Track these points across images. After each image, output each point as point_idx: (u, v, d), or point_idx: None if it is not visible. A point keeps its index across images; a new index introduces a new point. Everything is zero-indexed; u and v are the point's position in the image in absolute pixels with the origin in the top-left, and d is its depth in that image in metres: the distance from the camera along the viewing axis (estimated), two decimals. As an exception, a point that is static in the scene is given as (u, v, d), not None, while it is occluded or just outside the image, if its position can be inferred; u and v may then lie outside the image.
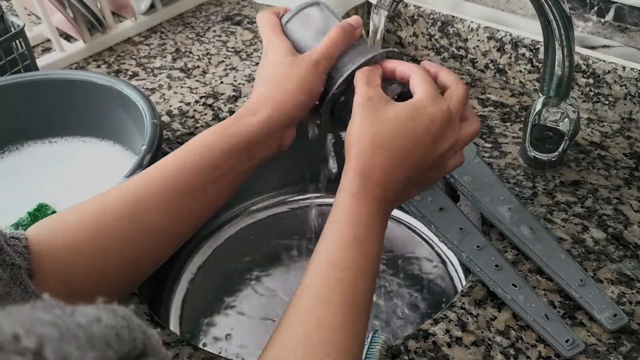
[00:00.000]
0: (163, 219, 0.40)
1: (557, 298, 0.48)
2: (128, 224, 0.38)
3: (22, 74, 0.63)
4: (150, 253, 0.41)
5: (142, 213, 0.39)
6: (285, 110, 0.43)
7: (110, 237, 0.38)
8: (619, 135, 0.64)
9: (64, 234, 0.37)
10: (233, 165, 0.42)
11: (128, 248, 0.39)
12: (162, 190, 0.40)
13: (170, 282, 0.73)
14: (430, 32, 0.78)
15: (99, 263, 0.38)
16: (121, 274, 0.39)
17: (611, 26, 0.65)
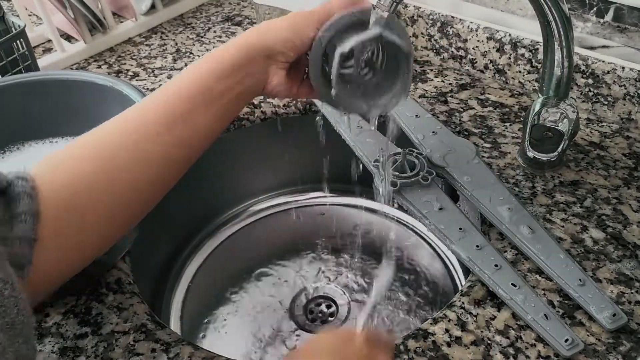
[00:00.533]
0: (158, 147, 0.41)
1: (557, 298, 0.48)
2: (127, 154, 0.40)
3: (23, 74, 0.63)
4: (152, 181, 0.42)
5: (140, 143, 0.40)
6: (267, 39, 0.45)
7: (112, 170, 0.39)
8: (618, 135, 0.64)
9: (68, 171, 0.38)
10: (222, 89, 0.44)
11: (130, 178, 0.40)
12: (159, 118, 0.41)
13: (170, 282, 0.73)
14: (430, 33, 0.78)
15: (105, 198, 0.39)
16: (126, 206, 0.41)
17: (610, 26, 0.66)
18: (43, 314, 0.50)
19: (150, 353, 0.47)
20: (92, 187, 0.38)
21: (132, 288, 0.53)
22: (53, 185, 0.37)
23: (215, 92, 0.43)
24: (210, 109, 0.43)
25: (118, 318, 0.50)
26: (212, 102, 0.43)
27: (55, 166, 0.38)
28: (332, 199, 0.82)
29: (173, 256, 0.75)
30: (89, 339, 0.48)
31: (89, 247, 0.39)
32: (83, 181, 0.38)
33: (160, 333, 0.48)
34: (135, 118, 0.41)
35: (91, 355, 0.47)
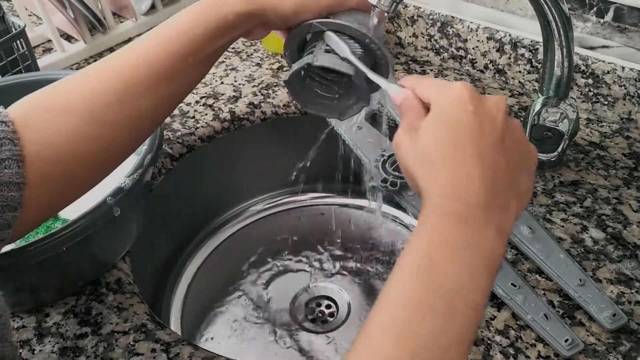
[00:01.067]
0: (149, 103, 0.41)
1: (557, 298, 0.48)
2: (118, 111, 0.40)
3: (23, 74, 0.63)
4: (136, 136, 0.43)
5: (131, 100, 0.40)
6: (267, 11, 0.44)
7: (102, 125, 0.39)
8: (618, 135, 0.64)
9: (56, 121, 0.38)
10: (213, 50, 0.43)
11: (119, 132, 0.40)
12: (147, 77, 0.41)
13: (170, 282, 0.73)
14: (430, 33, 0.78)
15: (94, 149, 0.39)
16: (113, 155, 0.41)
17: (610, 27, 0.66)
18: (43, 314, 0.50)
19: (150, 353, 0.47)
20: (78, 141, 0.38)
21: (132, 288, 0.53)
22: (38, 135, 0.37)
23: (206, 52, 0.43)
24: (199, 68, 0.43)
25: (118, 318, 0.50)
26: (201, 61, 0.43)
27: (39, 114, 0.38)
28: (332, 198, 0.82)
29: (173, 256, 0.75)
30: (89, 339, 0.48)
31: (74, 190, 0.40)
32: (69, 134, 0.38)
33: (160, 333, 0.48)
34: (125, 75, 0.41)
35: (91, 355, 0.47)
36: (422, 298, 0.31)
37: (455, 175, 0.33)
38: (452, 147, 0.34)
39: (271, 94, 0.75)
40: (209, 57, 0.43)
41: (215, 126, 0.71)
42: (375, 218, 0.79)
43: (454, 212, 0.33)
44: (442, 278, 0.31)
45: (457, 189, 0.33)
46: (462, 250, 0.32)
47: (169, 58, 0.41)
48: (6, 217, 0.34)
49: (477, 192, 0.33)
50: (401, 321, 0.31)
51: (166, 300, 0.70)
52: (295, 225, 0.81)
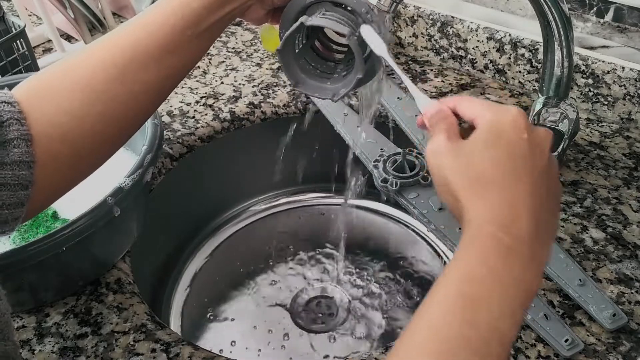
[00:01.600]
0: (153, 77, 0.41)
1: (557, 298, 0.48)
2: (121, 86, 0.40)
3: (23, 74, 0.63)
4: (144, 109, 0.43)
5: (134, 74, 0.40)
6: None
7: (107, 101, 0.39)
8: (618, 135, 0.64)
9: (61, 100, 0.38)
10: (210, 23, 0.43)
11: (124, 108, 0.40)
12: (150, 50, 0.41)
13: (171, 282, 0.73)
14: (430, 33, 0.78)
15: (100, 126, 0.39)
16: (120, 132, 0.41)
17: (610, 27, 0.66)
18: (43, 313, 0.50)
19: (150, 353, 0.47)
20: (83, 119, 0.38)
21: (132, 288, 0.53)
22: (43, 113, 0.37)
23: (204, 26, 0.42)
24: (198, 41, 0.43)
25: (118, 318, 0.50)
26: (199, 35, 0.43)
27: (44, 94, 0.38)
28: (332, 199, 0.82)
29: (173, 256, 0.75)
30: (89, 339, 0.48)
31: (84, 167, 0.40)
32: (74, 112, 0.38)
33: (160, 333, 0.48)
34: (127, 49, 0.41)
35: (91, 355, 0.47)
36: (460, 331, 0.30)
37: (507, 203, 0.32)
38: (509, 171, 0.33)
39: (271, 94, 0.75)
40: (207, 30, 0.43)
41: (215, 126, 0.71)
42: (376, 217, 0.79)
43: (502, 242, 0.32)
44: (483, 312, 0.30)
45: (507, 218, 0.32)
46: (506, 285, 0.31)
47: (169, 31, 0.41)
48: (19, 195, 0.35)
49: (527, 225, 0.32)
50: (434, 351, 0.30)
51: (166, 300, 0.70)
52: (295, 225, 0.81)
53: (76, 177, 0.41)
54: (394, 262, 0.74)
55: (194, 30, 0.42)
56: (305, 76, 0.46)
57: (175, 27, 0.42)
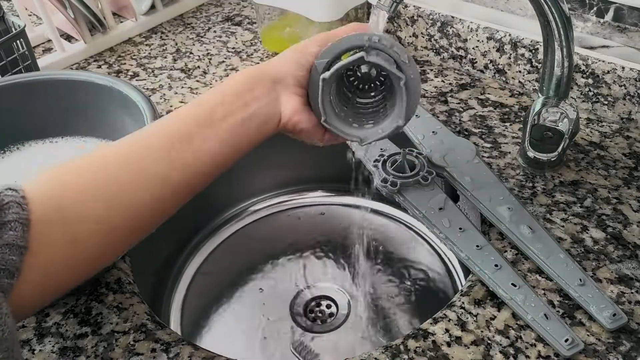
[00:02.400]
0: (163, 168, 0.41)
1: (557, 297, 0.48)
2: (132, 173, 0.39)
3: (23, 74, 0.63)
4: (155, 203, 0.41)
5: (145, 162, 0.40)
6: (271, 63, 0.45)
7: (115, 186, 0.39)
8: (618, 135, 0.64)
9: (67, 182, 0.38)
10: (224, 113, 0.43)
11: (133, 197, 0.39)
12: (162, 141, 0.41)
13: (170, 282, 0.73)
14: (430, 33, 0.78)
15: (103, 212, 0.38)
16: (124, 225, 0.40)
17: (610, 26, 0.66)
18: (43, 313, 0.50)
19: (150, 353, 0.47)
20: (86, 201, 0.37)
21: (132, 288, 0.53)
22: (45, 196, 0.36)
23: (217, 115, 0.42)
24: (212, 133, 0.42)
25: (118, 318, 0.50)
26: (213, 125, 0.42)
27: (53, 177, 0.38)
28: (332, 198, 0.82)
29: (173, 256, 0.75)
30: (89, 338, 0.48)
31: (79, 263, 0.38)
32: (78, 194, 0.37)
33: (160, 333, 0.48)
34: (141, 140, 0.41)
35: (91, 355, 0.47)
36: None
37: None
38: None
39: (271, 93, 0.75)
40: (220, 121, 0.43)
41: (215, 126, 0.71)
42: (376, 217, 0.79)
43: None
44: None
45: None
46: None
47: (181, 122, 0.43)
48: (1, 282, 0.33)
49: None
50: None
51: (166, 300, 0.70)
52: (295, 225, 0.81)
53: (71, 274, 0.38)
54: (394, 262, 0.74)
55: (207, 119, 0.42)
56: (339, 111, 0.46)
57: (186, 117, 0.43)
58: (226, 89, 0.44)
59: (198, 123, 0.42)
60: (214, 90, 0.44)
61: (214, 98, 0.44)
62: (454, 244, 0.52)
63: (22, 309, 0.35)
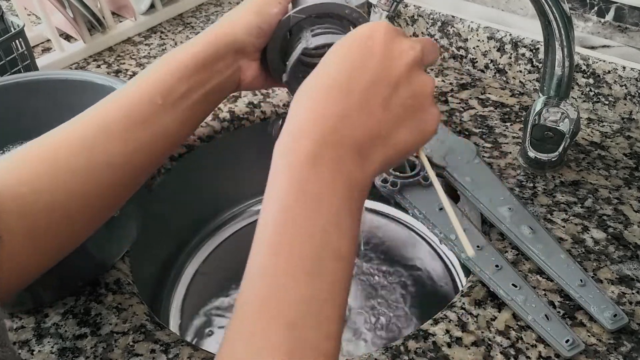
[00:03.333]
0: (119, 149, 0.39)
1: (557, 298, 0.48)
2: (86, 157, 0.38)
3: (22, 74, 0.63)
4: (112, 186, 0.40)
5: (99, 145, 0.38)
6: (232, 30, 0.42)
7: (69, 173, 0.37)
8: (619, 135, 0.64)
9: (24, 172, 0.37)
10: (184, 91, 0.41)
11: (89, 182, 0.38)
12: (117, 121, 0.39)
13: (170, 282, 0.73)
14: (430, 32, 0.78)
15: (61, 199, 0.37)
16: (85, 210, 0.39)
17: (611, 26, 0.65)
18: (42, 314, 0.50)
19: (150, 354, 0.47)
20: (43, 191, 0.37)
21: (132, 288, 0.53)
22: (4, 185, 0.36)
23: (177, 93, 0.41)
24: (173, 113, 0.41)
25: (117, 319, 0.49)
26: (174, 104, 0.41)
27: (9, 165, 0.37)
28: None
29: (173, 256, 0.75)
30: (88, 339, 0.48)
31: (45, 248, 0.38)
32: (34, 184, 0.36)
33: (159, 334, 0.48)
34: (95, 121, 0.39)
35: (90, 356, 0.46)
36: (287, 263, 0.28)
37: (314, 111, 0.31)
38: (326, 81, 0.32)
39: (271, 93, 0.75)
40: (180, 100, 0.41)
41: (214, 126, 0.71)
42: (376, 217, 0.79)
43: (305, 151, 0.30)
44: (305, 235, 0.28)
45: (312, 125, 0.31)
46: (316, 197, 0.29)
47: (136, 100, 0.40)
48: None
49: (338, 131, 0.30)
50: (268, 296, 0.27)
51: (165, 301, 0.70)
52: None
53: (39, 260, 0.38)
54: (394, 262, 0.74)
55: (164, 98, 0.40)
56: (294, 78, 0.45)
57: (143, 96, 0.40)
58: (185, 63, 0.41)
59: (156, 103, 0.40)
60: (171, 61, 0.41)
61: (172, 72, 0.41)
62: (455, 245, 0.52)
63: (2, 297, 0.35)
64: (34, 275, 0.38)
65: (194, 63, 0.42)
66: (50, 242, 0.38)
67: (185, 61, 0.42)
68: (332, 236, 0.28)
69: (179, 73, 0.41)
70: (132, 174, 0.41)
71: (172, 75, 0.41)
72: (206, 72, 0.42)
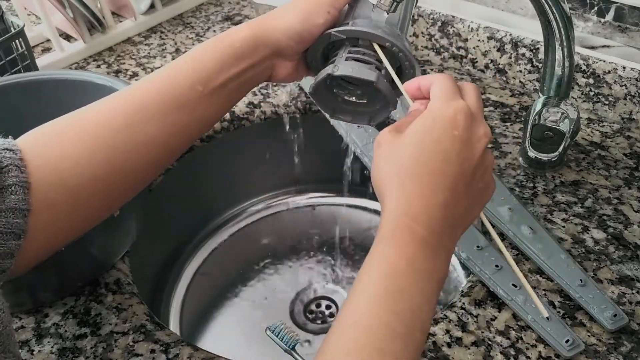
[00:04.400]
0: (158, 130, 0.41)
1: (557, 298, 0.48)
2: (126, 135, 0.39)
3: (21, 74, 0.62)
4: (149, 163, 0.42)
5: (139, 125, 0.40)
6: (276, 34, 0.44)
7: (111, 149, 0.39)
8: (619, 135, 0.64)
9: (64, 146, 0.38)
10: (223, 81, 0.42)
11: (128, 158, 0.40)
12: (157, 104, 0.41)
13: (170, 283, 0.73)
14: (430, 32, 0.78)
15: (101, 174, 0.38)
16: (123, 184, 0.41)
17: (611, 26, 0.65)
18: (42, 314, 0.50)
19: (150, 354, 0.46)
20: (85, 165, 0.38)
21: (132, 288, 0.53)
22: (45, 160, 0.37)
23: (217, 82, 0.42)
24: (211, 99, 0.42)
25: (117, 319, 0.49)
26: (212, 92, 0.42)
27: (48, 141, 0.38)
28: (333, 199, 0.81)
29: (172, 256, 0.75)
30: (88, 339, 0.48)
31: (81, 219, 0.39)
32: (77, 158, 0.38)
33: (159, 334, 0.48)
34: (136, 100, 0.41)
35: (90, 356, 0.46)
36: (387, 321, 0.31)
37: (423, 199, 0.34)
38: (427, 168, 0.35)
39: (271, 93, 0.75)
40: (219, 88, 0.43)
41: (215, 126, 0.71)
42: (376, 217, 0.79)
43: (417, 234, 0.34)
44: (407, 302, 0.32)
45: (420, 211, 0.34)
46: (424, 275, 0.33)
47: (178, 85, 0.41)
48: (9, 245, 0.34)
49: (441, 219, 0.34)
50: (365, 345, 0.31)
51: (165, 301, 0.70)
52: (295, 226, 0.81)
53: (72, 230, 0.39)
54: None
55: (205, 86, 0.42)
56: (340, 105, 0.47)
57: (185, 82, 0.41)
58: (226, 54, 0.43)
59: (195, 89, 0.42)
60: (214, 49, 0.43)
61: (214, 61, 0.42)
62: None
63: (25, 265, 0.36)
64: (56, 248, 0.39)
65: (233, 56, 0.43)
66: (85, 215, 0.39)
67: (226, 52, 0.43)
68: (424, 311, 0.33)
69: (221, 64, 0.43)
70: (167, 154, 0.43)
71: (214, 65, 0.43)
72: (244, 65, 0.44)
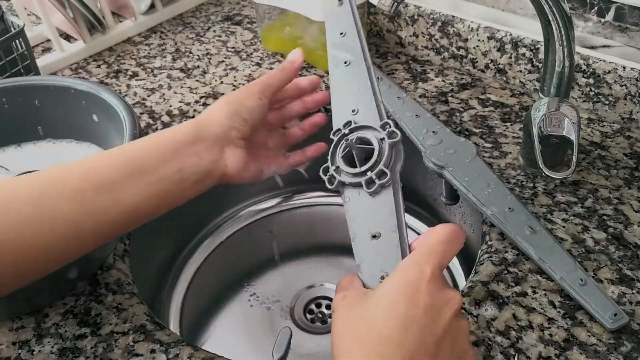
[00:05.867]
0: (72, 209, 0.38)
1: (558, 298, 0.48)
2: (37, 210, 0.38)
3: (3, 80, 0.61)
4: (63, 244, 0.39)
5: (52, 200, 0.38)
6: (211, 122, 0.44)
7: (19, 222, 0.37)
8: (619, 135, 0.64)
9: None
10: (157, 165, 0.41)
11: (39, 234, 0.38)
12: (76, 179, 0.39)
13: (169, 283, 0.73)
14: (431, 32, 0.78)
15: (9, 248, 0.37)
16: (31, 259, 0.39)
17: (611, 26, 0.65)
18: (42, 314, 0.50)
19: (150, 354, 0.47)
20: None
21: (132, 288, 0.53)
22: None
23: (147, 165, 0.40)
24: (139, 184, 0.40)
25: (117, 319, 0.49)
26: (141, 175, 0.40)
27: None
28: (332, 199, 0.81)
29: (172, 256, 0.75)
30: (88, 339, 0.48)
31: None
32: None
33: (159, 334, 0.48)
34: (53, 175, 0.39)
35: (90, 356, 0.46)
36: None
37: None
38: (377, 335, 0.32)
39: (271, 93, 0.75)
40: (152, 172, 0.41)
41: (215, 126, 0.71)
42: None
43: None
44: None
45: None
46: None
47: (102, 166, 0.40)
48: None
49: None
50: None
51: (165, 301, 0.70)
52: (295, 226, 0.81)
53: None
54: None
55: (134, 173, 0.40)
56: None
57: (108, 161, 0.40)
58: (161, 137, 0.42)
59: (122, 171, 0.40)
60: (150, 136, 0.42)
61: (146, 143, 0.41)
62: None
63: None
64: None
65: (171, 137, 0.42)
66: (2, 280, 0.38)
67: (162, 135, 0.43)
68: None
69: (153, 145, 0.42)
70: (80, 237, 0.40)
71: (144, 146, 0.41)
72: (183, 149, 0.42)
